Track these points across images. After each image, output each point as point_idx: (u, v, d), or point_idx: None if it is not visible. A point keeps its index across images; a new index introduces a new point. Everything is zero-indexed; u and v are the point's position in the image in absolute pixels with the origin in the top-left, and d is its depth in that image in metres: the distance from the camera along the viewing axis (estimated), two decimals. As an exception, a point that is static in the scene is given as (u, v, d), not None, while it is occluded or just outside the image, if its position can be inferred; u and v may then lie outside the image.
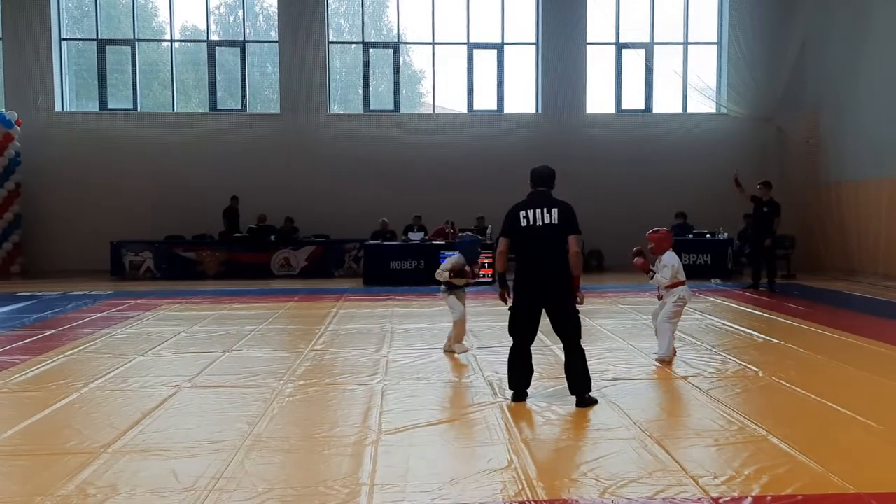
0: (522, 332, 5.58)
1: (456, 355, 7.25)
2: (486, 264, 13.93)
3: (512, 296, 5.63)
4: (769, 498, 3.74)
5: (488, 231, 14.53)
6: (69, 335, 8.48)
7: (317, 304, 11.12)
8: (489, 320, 9.37)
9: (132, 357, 7.22)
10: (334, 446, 4.57)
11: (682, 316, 9.55)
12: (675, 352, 7.05)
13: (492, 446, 4.56)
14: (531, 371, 5.66)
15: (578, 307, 5.54)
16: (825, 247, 15.57)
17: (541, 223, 5.41)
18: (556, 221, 5.40)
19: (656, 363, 6.85)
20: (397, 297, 11.74)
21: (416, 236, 14.77)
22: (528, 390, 5.62)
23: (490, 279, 13.83)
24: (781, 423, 4.96)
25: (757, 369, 6.54)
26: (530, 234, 5.42)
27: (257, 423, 5.01)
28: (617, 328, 8.69)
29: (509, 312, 5.63)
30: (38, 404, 5.53)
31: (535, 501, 3.72)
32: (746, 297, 11.68)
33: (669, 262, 6.87)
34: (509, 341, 7.88)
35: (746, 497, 3.75)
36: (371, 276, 14.14)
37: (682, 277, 6.92)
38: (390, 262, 14.21)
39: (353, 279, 14.66)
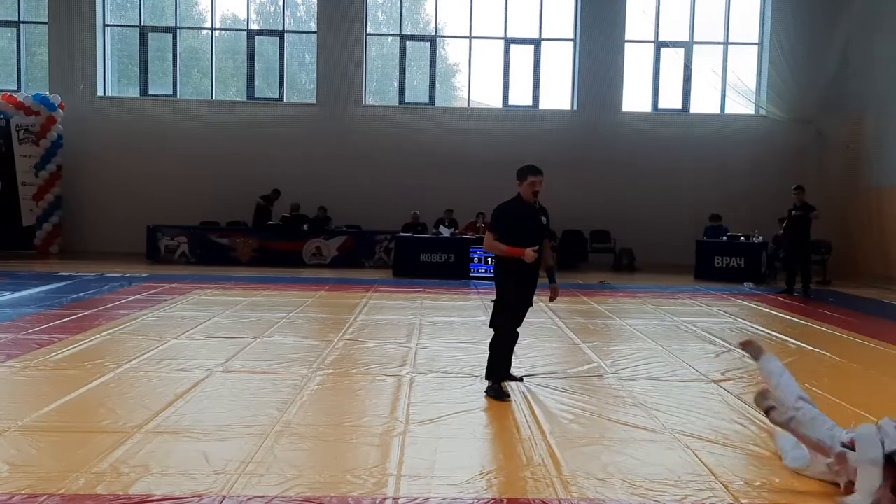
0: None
1: None
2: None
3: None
4: (800, 506, 3.69)
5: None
6: (105, 316, 8.64)
7: (347, 293, 11.19)
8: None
9: (166, 340, 7.34)
10: (362, 436, 4.61)
11: (715, 319, 9.54)
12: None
13: (520, 442, 4.56)
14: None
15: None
16: (863, 253, 15.28)
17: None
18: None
19: (687, 365, 6.77)
20: (427, 290, 11.77)
21: (446, 230, 14.78)
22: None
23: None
24: (814, 431, 4.88)
25: (790, 376, 6.44)
26: None
27: (287, 410, 5.07)
28: (647, 329, 8.62)
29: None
30: (75, 383, 5.64)
31: (562, 500, 3.71)
32: (780, 301, 11.50)
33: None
34: (537, 336, 7.86)
35: (776, 504, 3.70)
36: (401, 267, 14.18)
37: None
38: (420, 255, 14.24)
39: (384, 270, 14.72)
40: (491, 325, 5.73)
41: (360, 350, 7.17)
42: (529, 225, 5.58)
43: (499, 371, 5.66)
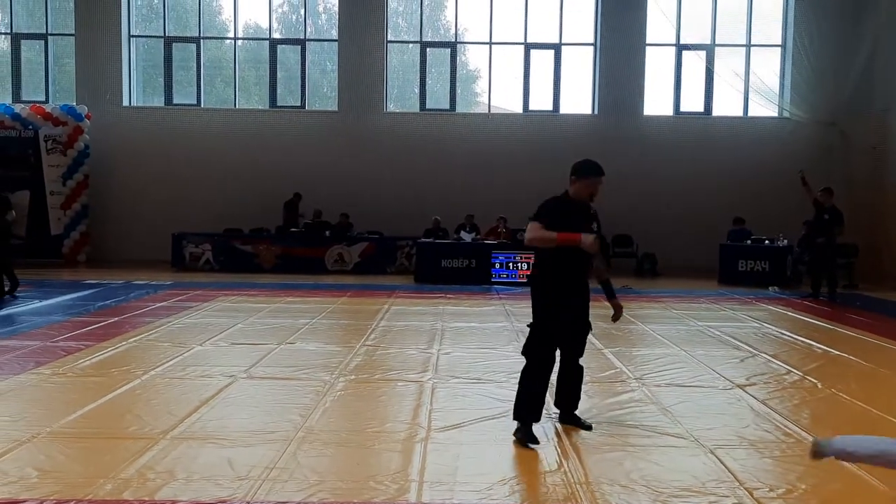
0: None
1: None
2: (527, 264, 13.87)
3: None
4: (826, 513, 3.65)
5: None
6: (131, 323, 8.75)
7: (369, 299, 11.23)
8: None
9: (191, 346, 7.41)
10: (385, 441, 4.63)
11: (739, 324, 9.45)
12: None
13: (542, 449, 4.54)
14: None
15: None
16: (890, 256, 15.05)
17: None
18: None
19: (711, 370, 6.71)
20: (448, 296, 11.77)
21: (467, 235, 14.79)
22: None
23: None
24: (841, 437, 4.82)
25: (816, 381, 6.36)
26: None
27: (310, 416, 5.10)
28: (670, 334, 8.56)
29: None
30: (102, 389, 5.72)
31: (584, 506, 3.70)
32: (806, 306, 11.36)
33: None
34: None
35: (802, 511, 3.66)
36: (423, 273, 14.21)
37: None
38: (442, 261, 14.25)
39: (405, 276, 14.75)
40: (523, 353, 4.84)
41: (382, 356, 7.19)
42: (580, 227, 4.74)
43: (529, 410, 4.69)
